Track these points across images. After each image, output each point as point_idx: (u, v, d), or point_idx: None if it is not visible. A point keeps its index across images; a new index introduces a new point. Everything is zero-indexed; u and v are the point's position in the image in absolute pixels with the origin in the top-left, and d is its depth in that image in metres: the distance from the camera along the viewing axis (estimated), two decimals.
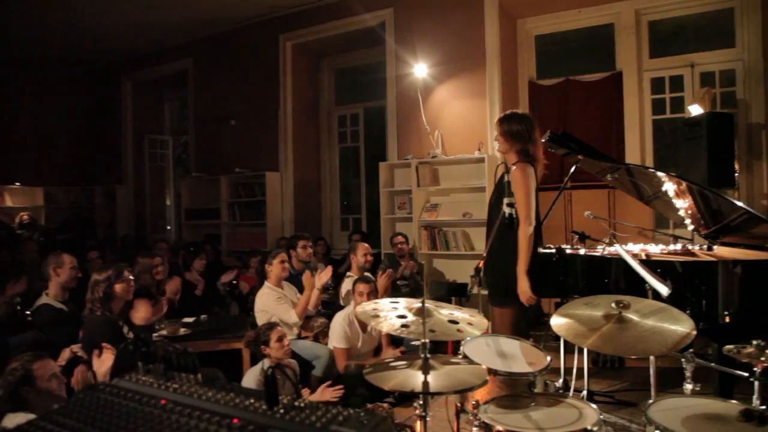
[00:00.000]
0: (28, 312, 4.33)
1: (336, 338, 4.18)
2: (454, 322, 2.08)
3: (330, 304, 5.33)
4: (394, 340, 4.51)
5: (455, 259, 6.46)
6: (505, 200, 2.49)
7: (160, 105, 10.63)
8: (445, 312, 2.13)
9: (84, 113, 10.51)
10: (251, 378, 3.40)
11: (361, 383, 3.88)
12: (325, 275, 4.54)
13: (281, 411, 1.05)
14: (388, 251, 6.50)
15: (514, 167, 3.35)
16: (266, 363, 3.44)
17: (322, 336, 4.56)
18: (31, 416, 2.65)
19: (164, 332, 3.97)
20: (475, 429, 2.03)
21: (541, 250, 4.09)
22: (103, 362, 2.86)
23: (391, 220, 6.86)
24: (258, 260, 6.20)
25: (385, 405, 3.76)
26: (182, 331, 4.10)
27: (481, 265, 2.62)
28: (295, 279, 5.04)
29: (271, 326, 3.53)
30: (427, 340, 1.82)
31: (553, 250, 3.95)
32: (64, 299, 4.11)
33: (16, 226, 9.00)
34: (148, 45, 9.15)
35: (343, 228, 8.42)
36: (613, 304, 2.20)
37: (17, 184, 9.71)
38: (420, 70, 6.70)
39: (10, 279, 4.74)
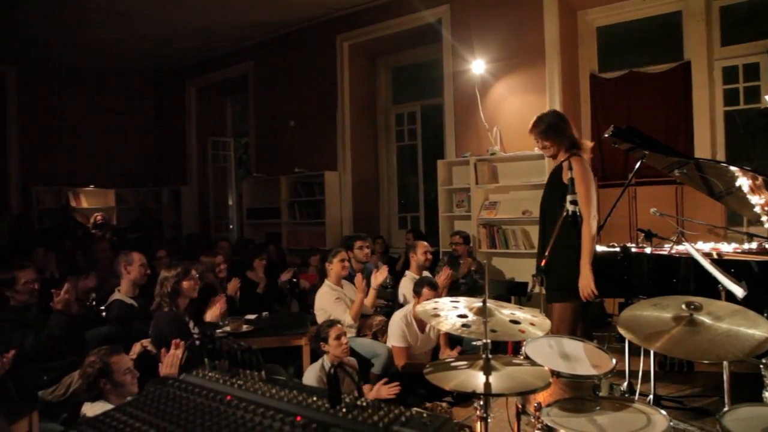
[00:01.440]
0: (102, 308, 4.56)
1: (394, 337, 4.18)
2: (515, 322, 2.04)
3: (388, 303, 5.35)
4: (452, 341, 4.48)
5: (515, 258, 6.35)
6: (569, 198, 2.43)
7: (223, 108, 10.95)
8: (507, 312, 2.09)
9: (151, 118, 10.99)
10: (311, 375, 3.45)
11: (420, 382, 3.88)
12: (380, 275, 4.55)
13: (344, 410, 1.05)
14: (447, 249, 6.46)
15: (574, 161, 3.29)
16: (326, 360, 3.49)
17: (380, 334, 4.58)
18: (108, 405, 2.80)
19: (227, 328, 4.09)
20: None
21: (605, 248, 3.98)
22: (172, 359, 2.96)
23: (450, 218, 6.82)
24: (318, 258, 6.32)
25: (444, 404, 3.75)
26: (245, 327, 4.20)
27: (543, 264, 2.57)
28: (354, 279, 5.08)
29: (331, 324, 3.56)
30: (489, 341, 1.79)
31: (618, 249, 3.82)
32: (134, 295, 4.29)
33: (90, 226, 9.50)
34: (210, 50, 9.45)
35: (400, 226, 8.44)
36: (684, 306, 2.10)
37: (91, 186, 10.22)
38: (477, 66, 6.62)
39: (81, 276, 5.02)
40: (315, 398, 1.13)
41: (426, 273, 5.17)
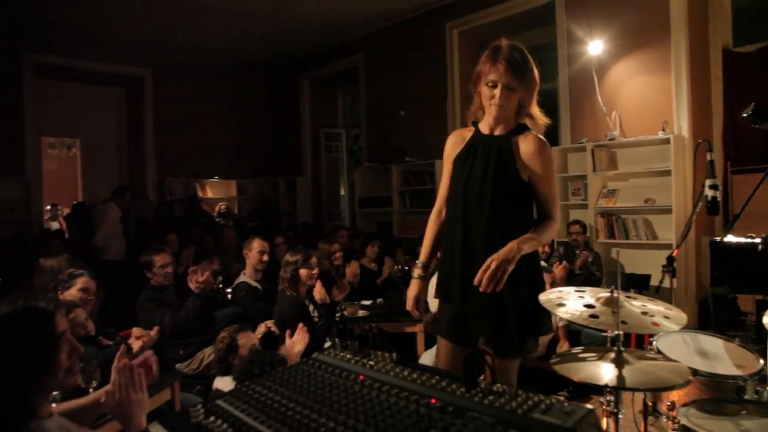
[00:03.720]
0: (228, 290, 4.88)
1: None
2: (647, 314, 1.93)
3: None
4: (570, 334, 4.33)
5: (635, 249, 5.99)
6: (708, 182, 2.24)
7: (334, 100, 11.26)
8: (637, 303, 1.98)
9: (268, 112, 11.54)
10: (428, 360, 3.48)
11: (533, 373, 3.79)
12: None
13: (479, 395, 1.04)
14: (561, 239, 6.24)
15: (539, 140, 2.25)
16: None
17: None
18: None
19: (345, 313, 4.21)
20: None
21: (742, 240, 3.65)
22: (296, 343, 3.10)
23: (565, 207, 6.56)
24: None
25: (561, 398, 3.63)
26: (361, 312, 4.31)
27: (675, 254, 2.41)
28: None
29: None
30: (620, 332, 1.70)
31: (758, 240, 3.50)
32: (257, 278, 4.56)
33: (216, 215, 10.19)
34: (323, 44, 9.75)
35: None
36: None
37: (216, 177, 10.96)
38: (595, 47, 6.29)
39: (206, 260, 5.38)
40: (448, 381, 1.13)
41: (544, 264, 5.02)
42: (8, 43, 8.32)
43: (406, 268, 5.70)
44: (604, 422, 1.96)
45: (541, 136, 2.27)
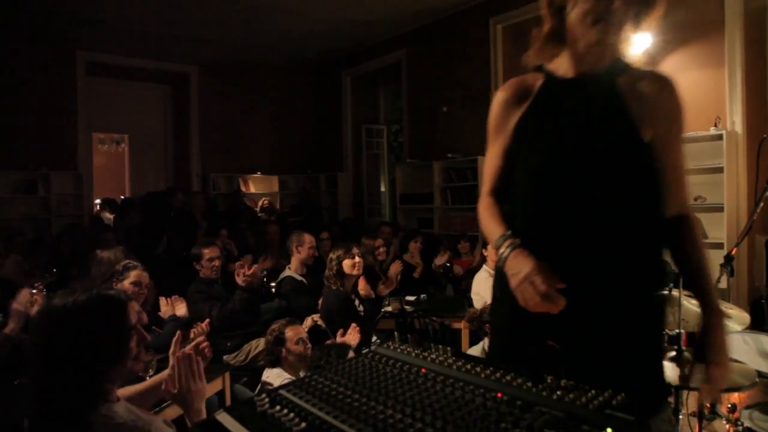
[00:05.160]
0: (272, 284, 4.96)
1: None
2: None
3: None
4: None
5: None
6: None
7: (376, 96, 11.26)
8: (695, 302, 1.93)
9: (310, 108, 11.64)
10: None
11: None
12: None
13: (547, 389, 1.04)
14: None
15: (663, 77, 1.55)
16: (487, 343, 3.48)
17: None
18: (283, 372, 3.04)
19: (389, 308, 4.23)
20: None
21: None
22: (349, 342, 3.16)
23: None
24: (468, 245, 6.32)
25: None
26: (406, 308, 4.32)
27: (734, 253, 2.34)
28: None
29: None
30: (682, 331, 1.67)
31: None
32: (303, 273, 4.61)
33: (258, 209, 10.34)
34: (365, 41, 9.76)
35: None
36: None
37: (258, 173, 11.12)
38: (643, 40, 6.12)
39: (260, 256, 5.48)
40: (513, 375, 1.13)
41: None
42: (63, 43, 8.62)
43: (448, 265, 5.69)
44: None
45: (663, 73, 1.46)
